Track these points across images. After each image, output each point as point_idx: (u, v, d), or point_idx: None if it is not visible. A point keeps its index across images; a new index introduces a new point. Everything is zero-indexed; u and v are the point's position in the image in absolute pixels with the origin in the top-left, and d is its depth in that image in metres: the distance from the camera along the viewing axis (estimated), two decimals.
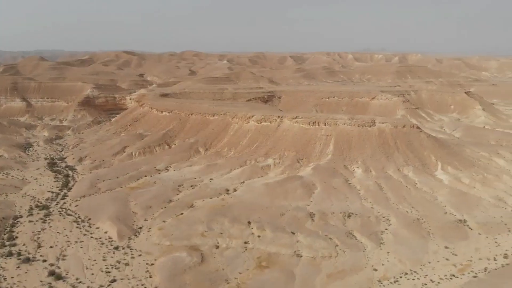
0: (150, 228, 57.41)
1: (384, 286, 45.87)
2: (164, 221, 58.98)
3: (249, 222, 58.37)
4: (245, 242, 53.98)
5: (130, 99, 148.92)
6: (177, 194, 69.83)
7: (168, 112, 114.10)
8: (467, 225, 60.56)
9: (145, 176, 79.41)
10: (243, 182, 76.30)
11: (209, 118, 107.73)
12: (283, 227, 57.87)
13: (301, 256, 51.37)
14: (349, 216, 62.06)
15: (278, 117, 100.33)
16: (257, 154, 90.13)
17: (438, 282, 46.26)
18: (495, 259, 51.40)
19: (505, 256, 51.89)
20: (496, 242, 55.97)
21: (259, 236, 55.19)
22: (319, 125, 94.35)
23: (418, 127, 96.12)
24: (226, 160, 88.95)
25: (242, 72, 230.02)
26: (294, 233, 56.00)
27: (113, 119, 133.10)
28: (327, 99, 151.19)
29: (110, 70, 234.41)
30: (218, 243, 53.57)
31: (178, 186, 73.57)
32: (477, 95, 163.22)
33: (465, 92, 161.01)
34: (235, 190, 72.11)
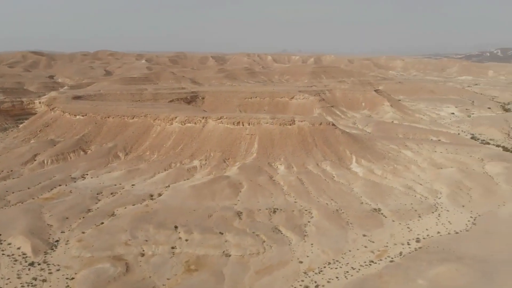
0: (68, 240, 53.54)
1: (309, 277, 47.95)
2: (83, 232, 55.39)
3: (175, 227, 57.20)
4: (172, 247, 52.83)
5: (40, 102, 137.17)
6: (96, 203, 65.97)
7: (82, 116, 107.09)
8: (382, 213, 65.62)
9: (60, 185, 73.68)
10: (168, 186, 74.50)
11: (128, 121, 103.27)
12: (211, 228, 57.68)
13: (229, 256, 51.67)
14: (274, 212, 63.86)
15: (203, 117, 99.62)
16: (182, 156, 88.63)
17: (359, 269, 49.53)
18: (408, 244, 56.27)
19: (417, 240, 57.07)
20: (408, 227, 61.35)
21: (186, 240, 54.36)
22: (243, 125, 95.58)
23: (333, 124, 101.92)
24: (149, 164, 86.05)
25: (162, 72, 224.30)
26: (222, 233, 56.12)
27: (21, 125, 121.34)
28: (250, 99, 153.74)
29: (16, 72, 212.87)
30: (143, 250, 51.72)
31: (97, 194, 69.50)
32: (385, 92, 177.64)
33: (375, 90, 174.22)
34: (159, 194, 70.10)
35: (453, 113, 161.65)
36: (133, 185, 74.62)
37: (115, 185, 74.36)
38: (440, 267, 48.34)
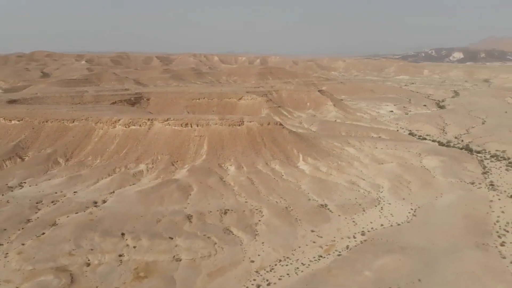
0: (7, 253, 49.88)
1: (261, 275, 48.40)
2: (23, 244, 51.84)
3: (122, 234, 55.25)
4: (120, 255, 50.99)
5: None
6: (36, 213, 61.97)
7: (18, 121, 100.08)
8: (328, 209, 67.78)
9: None
10: (113, 192, 71.68)
11: (68, 125, 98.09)
12: (160, 233, 56.37)
13: (180, 260, 50.83)
14: (225, 213, 63.74)
15: (148, 120, 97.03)
16: (127, 160, 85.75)
17: (309, 265, 50.80)
18: (354, 237, 58.57)
19: (362, 233, 59.56)
20: (353, 221, 63.87)
21: (134, 247, 52.69)
22: (191, 126, 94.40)
23: (281, 124, 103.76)
24: (91, 170, 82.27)
25: (104, 73, 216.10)
26: (172, 238, 55.07)
27: None
28: (197, 100, 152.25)
29: None
30: (89, 260, 49.44)
31: (37, 203, 65.29)
32: (328, 92, 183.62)
33: (318, 91, 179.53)
34: (104, 201, 67.26)
35: (391, 111, 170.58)
36: (75, 192, 70.99)
37: (56, 193, 70.30)
38: (385, 258, 50.89)
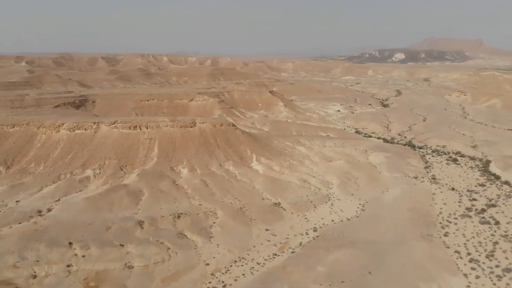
0: None
1: (217, 278, 48.24)
2: None
3: (70, 243, 52.70)
4: (68, 265, 48.61)
5: None
6: None
7: None
8: (282, 207, 68.89)
9: None
10: (59, 199, 68.08)
11: (8, 130, 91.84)
12: (110, 241, 54.40)
13: (132, 267, 49.38)
14: (178, 217, 62.75)
15: (94, 123, 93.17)
16: (73, 166, 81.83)
17: (264, 263, 51.32)
18: (307, 234, 59.97)
19: (315, 230, 61.11)
20: (306, 218, 65.40)
21: (83, 256, 50.45)
22: (141, 129, 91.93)
23: (233, 125, 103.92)
24: (35, 177, 77.60)
25: (45, 75, 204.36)
26: (123, 245, 53.34)
27: None
28: (146, 102, 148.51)
29: None
30: (35, 272, 46.67)
31: None
32: (279, 93, 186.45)
33: (269, 91, 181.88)
34: (49, 210, 63.70)
35: (339, 111, 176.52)
36: (17, 201, 66.62)
37: None
38: (337, 253, 52.59)
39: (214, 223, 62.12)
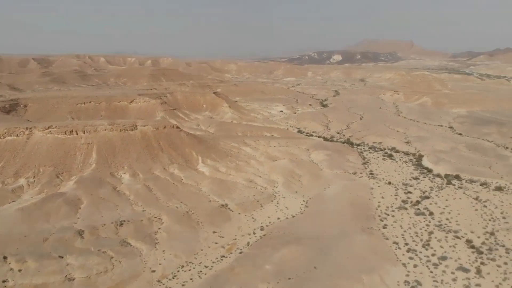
0: None
1: (163, 284, 47.13)
2: None
3: (4, 257, 48.85)
4: (4, 281, 45.10)
5: None
6: None
7: None
8: (229, 208, 68.87)
9: None
10: None
11: None
12: (48, 253, 51.12)
13: (73, 279, 46.80)
14: (121, 225, 60.39)
15: (26, 128, 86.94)
16: (4, 175, 75.71)
17: (212, 266, 50.96)
18: (254, 233, 60.46)
19: (262, 229, 61.79)
20: (253, 218, 65.91)
21: (20, 270, 46.99)
22: (77, 134, 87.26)
23: (177, 127, 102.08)
24: None
25: None
26: (62, 257, 50.36)
27: None
28: (83, 105, 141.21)
29: None
30: None
31: None
32: (223, 94, 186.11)
33: (214, 93, 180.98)
34: None
35: (281, 111, 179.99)
36: None
37: None
38: (283, 250, 53.58)
39: (159, 229, 60.56)
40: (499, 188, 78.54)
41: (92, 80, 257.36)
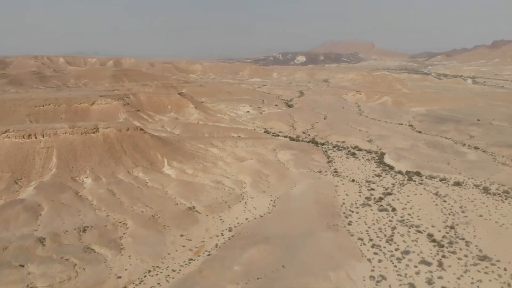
0: None
1: None
2: None
3: None
4: None
5: None
6: None
7: None
8: (196, 210, 68.33)
9: None
10: None
11: None
12: (8, 262, 48.85)
13: None
14: (84, 231, 58.57)
15: None
16: None
17: (179, 270, 50.40)
18: (222, 234, 60.30)
19: (230, 230, 61.71)
20: (221, 219, 65.72)
21: None
22: (36, 138, 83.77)
23: (141, 129, 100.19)
24: None
25: None
26: (23, 266, 48.30)
27: None
28: (42, 107, 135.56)
29: None
30: None
31: None
32: (188, 95, 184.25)
33: (179, 93, 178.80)
34: None
35: (248, 112, 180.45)
36: None
37: None
38: (251, 250, 53.82)
39: (124, 233, 59.23)
40: (457, 183, 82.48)
41: (51, 81, 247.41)
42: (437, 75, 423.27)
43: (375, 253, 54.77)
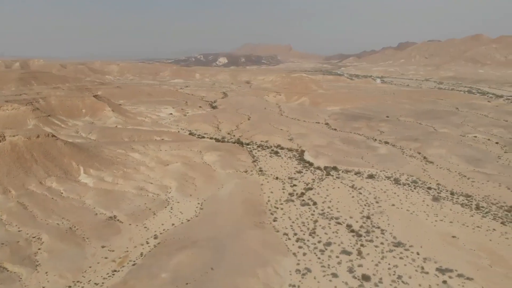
0: None
1: None
2: None
3: None
4: None
5: None
6: None
7: None
8: (118, 220, 65.26)
9: None
10: None
11: None
12: None
13: None
14: None
15: None
16: None
17: (103, 283, 47.84)
18: (147, 243, 58.33)
19: (155, 237, 59.90)
20: (145, 227, 63.51)
21: None
22: None
23: (53, 135, 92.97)
24: None
25: None
26: None
27: None
28: None
29: None
30: None
31: None
32: (105, 97, 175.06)
33: (94, 96, 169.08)
34: None
35: (171, 114, 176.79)
36: None
37: None
38: (179, 256, 52.93)
39: (39, 249, 54.62)
40: (371, 176, 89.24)
41: None
42: (349, 76, 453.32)
43: (300, 247, 57.12)
